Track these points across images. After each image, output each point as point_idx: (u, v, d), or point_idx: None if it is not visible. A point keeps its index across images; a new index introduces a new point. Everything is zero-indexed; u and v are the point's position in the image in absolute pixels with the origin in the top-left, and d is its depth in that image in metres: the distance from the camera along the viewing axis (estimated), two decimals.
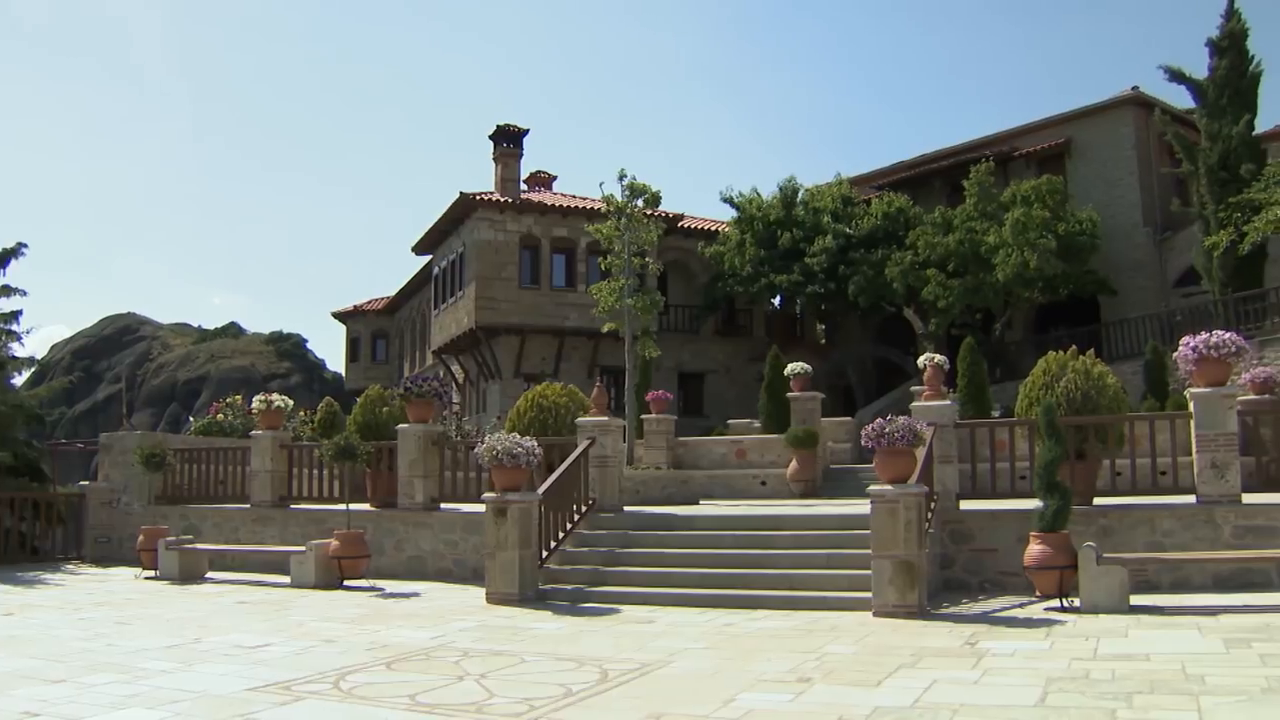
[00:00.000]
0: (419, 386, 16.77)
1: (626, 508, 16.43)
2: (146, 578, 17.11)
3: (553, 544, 13.93)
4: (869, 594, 11.45)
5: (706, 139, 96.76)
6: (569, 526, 14.51)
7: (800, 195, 39.43)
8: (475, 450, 14.04)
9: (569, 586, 13.38)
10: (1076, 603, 11.27)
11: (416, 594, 14.27)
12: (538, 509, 13.47)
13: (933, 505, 12.78)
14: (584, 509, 15.10)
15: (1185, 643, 9.25)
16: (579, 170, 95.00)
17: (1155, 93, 37.18)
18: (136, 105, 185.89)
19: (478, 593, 13.56)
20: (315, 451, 18.43)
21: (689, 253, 41.30)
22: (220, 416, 25.44)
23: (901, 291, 35.22)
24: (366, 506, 17.06)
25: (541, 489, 13.84)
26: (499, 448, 13.21)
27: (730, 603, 12.20)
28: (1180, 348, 13.37)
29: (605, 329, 25.44)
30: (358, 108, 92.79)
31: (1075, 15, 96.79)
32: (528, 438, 13.86)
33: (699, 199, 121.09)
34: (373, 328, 56.30)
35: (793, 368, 22.98)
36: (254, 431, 18.77)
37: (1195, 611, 10.90)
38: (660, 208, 27.95)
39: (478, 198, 37.19)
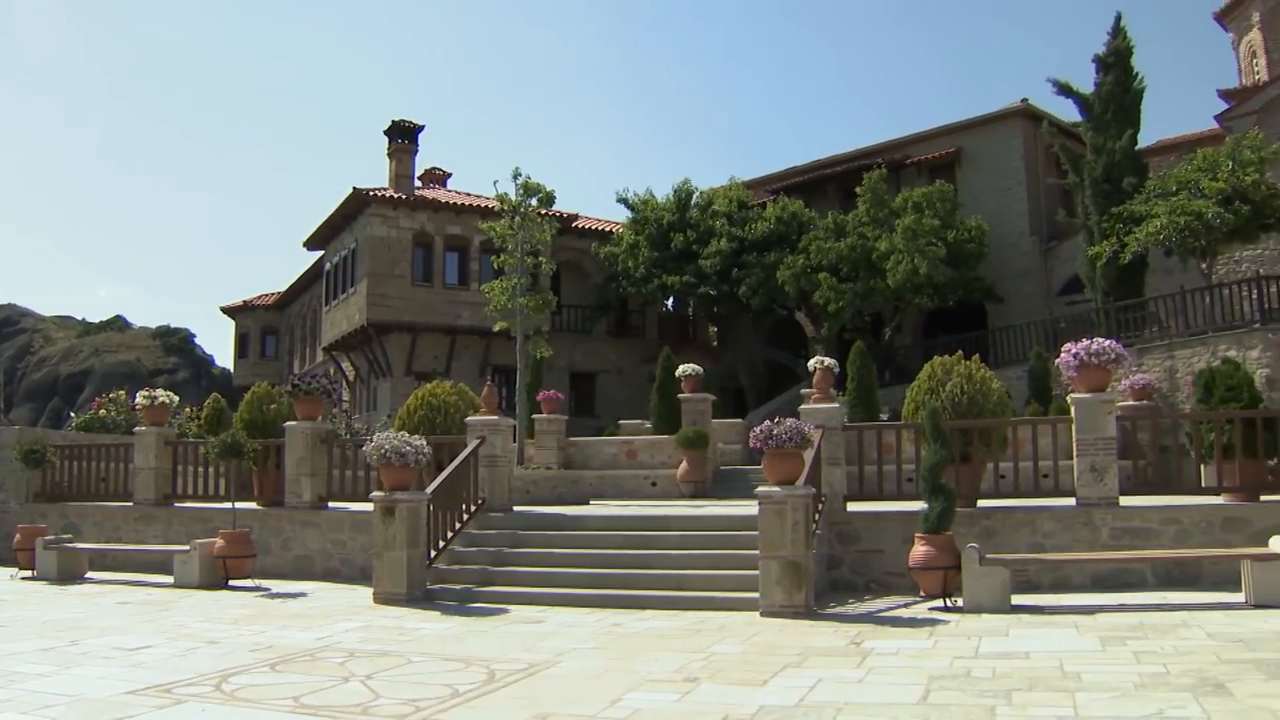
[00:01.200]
0: (308, 383, 16.58)
1: (516, 507, 16.41)
2: (23, 578, 16.67)
3: (441, 544, 13.85)
4: (757, 594, 11.56)
5: (603, 140, 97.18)
6: (458, 526, 14.44)
7: (695, 198, 39.65)
8: (364, 449, 13.92)
9: (457, 586, 13.32)
10: (960, 602, 11.49)
11: (303, 594, 14.11)
12: (426, 508, 13.40)
13: (820, 506, 12.94)
14: (473, 508, 15.04)
15: (1064, 641, 9.50)
16: (474, 168, 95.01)
17: (1044, 105, 38.05)
18: (18, 87, 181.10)
19: (365, 593, 13.45)
20: (201, 449, 18.08)
21: (583, 253, 41.34)
22: (103, 412, 24.90)
23: (794, 295, 35.55)
24: (253, 505, 16.80)
25: (430, 488, 13.77)
26: (387, 446, 13.13)
27: (619, 603, 12.23)
28: (1062, 354, 13.71)
29: (497, 328, 25.32)
30: (251, 98, 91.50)
31: (969, 27, 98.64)
32: (417, 436, 13.79)
33: (594, 199, 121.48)
34: (262, 323, 55.48)
35: (684, 369, 23.09)
36: (138, 428, 18.36)
37: (1074, 611, 11.19)
38: (555, 207, 27.89)
39: (371, 193, 36.85)
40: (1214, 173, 27.00)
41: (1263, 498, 13.39)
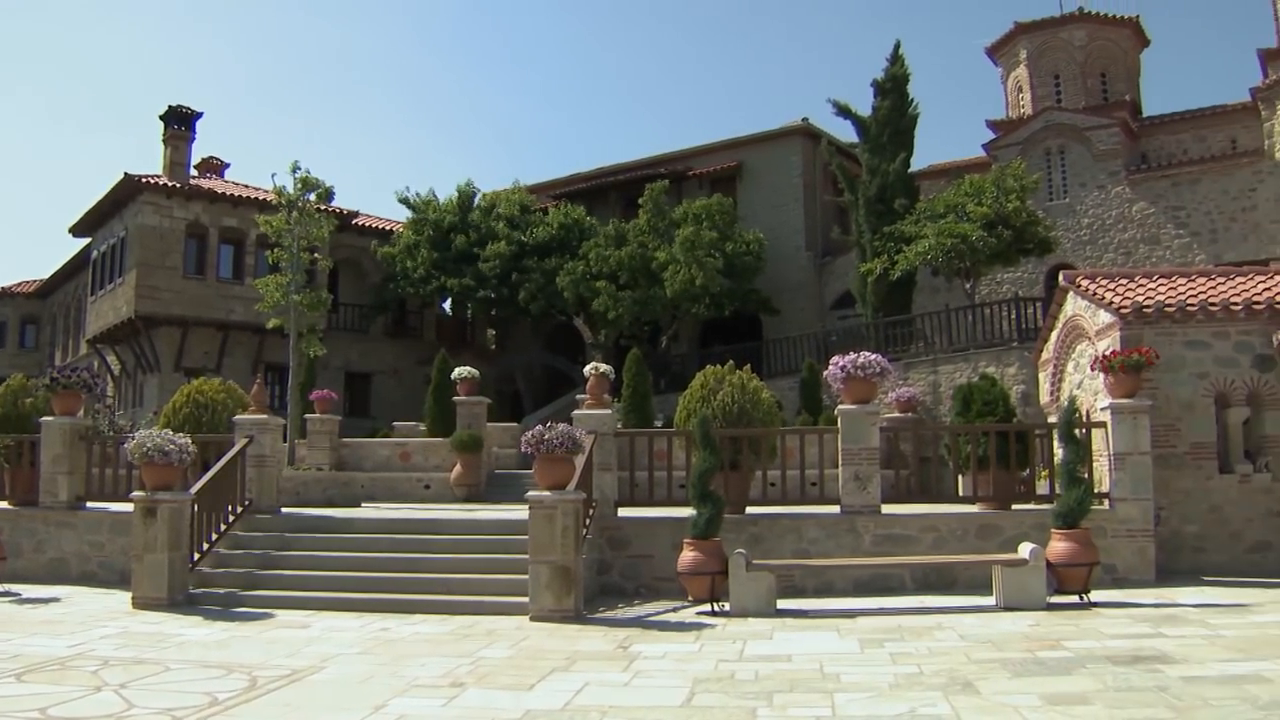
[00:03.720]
0: (67, 377, 15.88)
1: (285, 509, 16.08)
2: None
3: (205, 546, 13.45)
4: (527, 598, 11.57)
5: (387, 138, 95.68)
6: (223, 528, 14.05)
7: (477, 200, 39.48)
8: (125, 446, 13.41)
9: (222, 590, 12.94)
10: (727, 607, 11.73)
11: (57, 599, 13.45)
12: (190, 509, 13.00)
13: (591, 512, 13.04)
14: (240, 510, 14.66)
15: (825, 644, 9.79)
16: (254, 160, 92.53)
17: (824, 125, 39.18)
18: None
19: (124, 597, 12.93)
20: None
21: (362, 251, 40.65)
22: None
23: (572, 301, 35.71)
24: (4, 505, 15.99)
25: (194, 488, 13.35)
26: (149, 444, 12.69)
27: (388, 607, 12.11)
28: (830, 367, 14.11)
29: (271, 325, 24.68)
30: (12, 70, 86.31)
31: (754, 44, 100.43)
32: (181, 434, 13.37)
33: (376, 198, 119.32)
34: (22, 312, 52.77)
35: (460, 372, 22.93)
36: None
37: (836, 614, 11.54)
38: (334, 204, 27.38)
39: (143, 180, 35.40)
40: (980, 198, 28.29)
41: (1014, 506, 14.07)
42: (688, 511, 12.57)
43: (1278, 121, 32.46)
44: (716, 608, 11.80)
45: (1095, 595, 12.04)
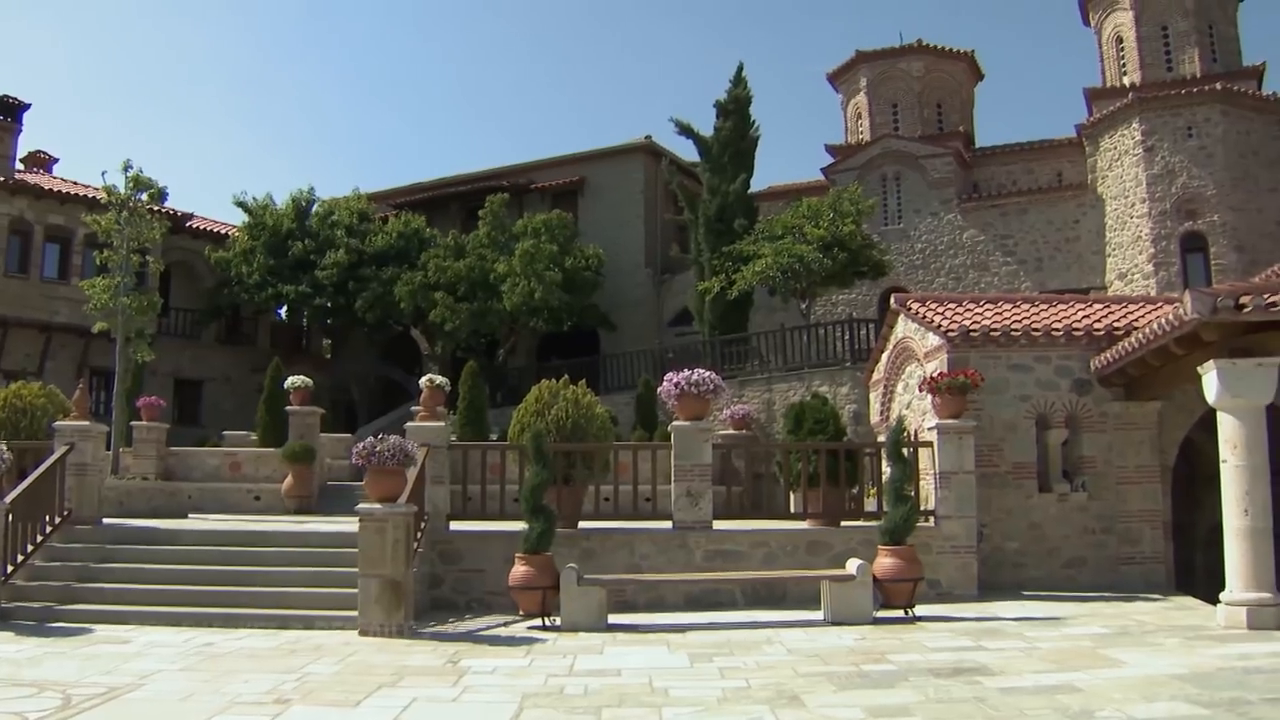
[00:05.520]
0: None
1: (107, 520, 15.56)
2: None
3: (20, 558, 12.90)
4: (356, 613, 11.40)
5: (222, 140, 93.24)
6: (39, 539, 13.51)
7: (316, 206, 38.81)
8: None
9: (37, 605, 12.43)
10: (558, 621, 11.72)
11: None
12: (4, 519, 12.48)
13: (423, 525, 12.94)
14: (58, 520, 14.12)
15: (655, 658, 9.85)
16: (85, 156, 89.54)
17: (666, 143, 39.55)
18: None
19: None
20: None
21: (196, 255, 39.56)
22: None
23: (410, 311, 35.36)
24: None
25: (9, 497, 12.84)
26: None
27: (214, 621, 11.81)
28: (664, 383, 14.22)
29: (97, 328, 23.90)
30: None
31: (599, 59, 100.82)
32: None
33: (212, 200, 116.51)
34: None
35: (293, 381, 22.50)
36: None
37: (667, 629, 11.61)
38: (167, 204, 26.67)
39: None
40: (817, 220, 28.83)
41: (843, 523, 14.36)
42: (521, 526, 12.52)
43: (1101, 157, 33.82)
44: (548, 622, 11.78)
45: (920, 609, 12.34)
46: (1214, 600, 11.79)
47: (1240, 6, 36.40)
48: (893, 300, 18.19)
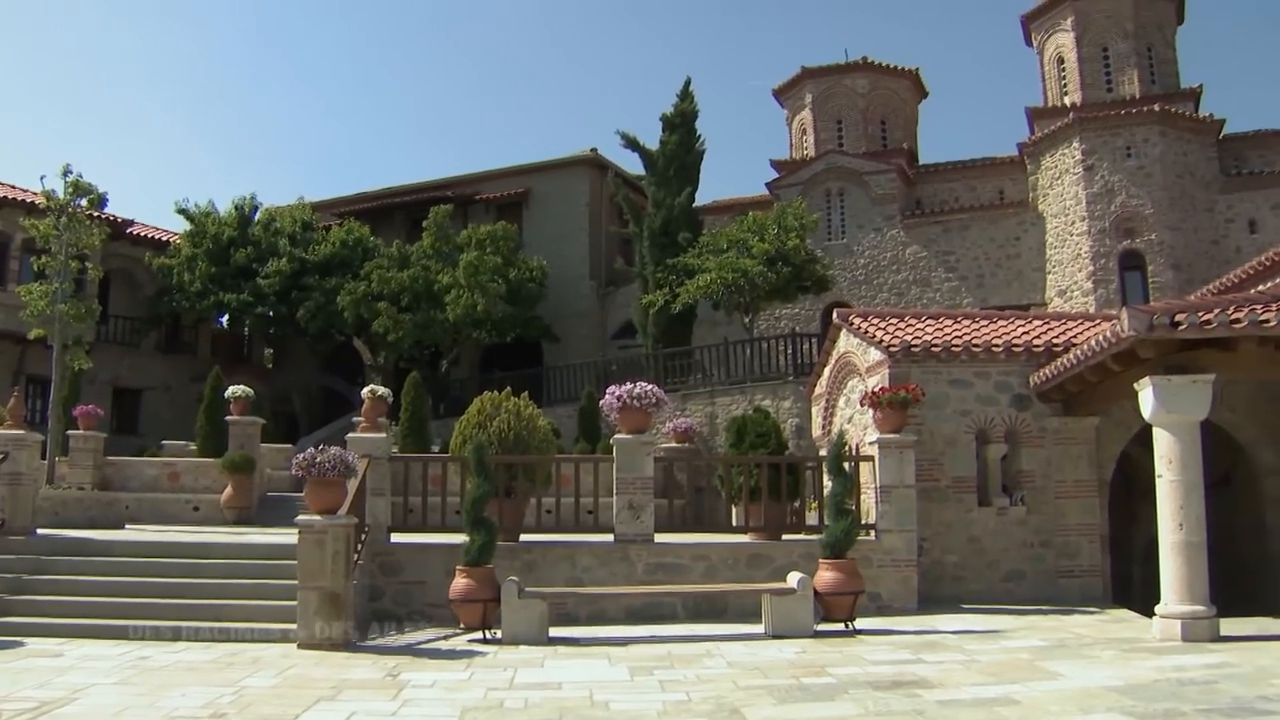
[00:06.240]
0: None
1: (41, 530, 15.37)
2: None
3: None
4: (295, 625, 11.31)
5: (165, 147, 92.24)
6: None
7: (259, 214, 38.49)
8: None
9: None
10: (499, 634, 11.67)
11: None
12: None
13: (364, 537, 12.85)
14: None
15: (596, 672, 9.83)
16: (23, 159, 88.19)
17: (612, 156, 39.59)
18: None
19: None
20: None
21: (136, 262, 39.09)
22: None
23: (353, 321, 35.13)
24: None
25: None
26: None
27: (150, 634, 11.64)
28: (607, 396, 14.22)
29: (33, 335, 23.54)
30: None
31: (545, 71, 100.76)
32: None
33: (154, 207, 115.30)
34: None
35: (233, 390, 22.27)
36: None
37: (608, 642, 11.60)
38: (108, 210, 26.33)
39: None
40: (761, 235, 28.97)
41: (784, 537, 14.43)
42: (462, 538, 12.48)
43: (1042, 175, 34.24)
44: (489, 635, 11.73)
45: (860, 623, 12.40)
46: (1151, 613, 11.93)
47: (1178, 30, 37.02)
48: (835, 315, 18.31)
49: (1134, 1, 35.55)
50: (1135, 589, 16.56)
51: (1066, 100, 36.13)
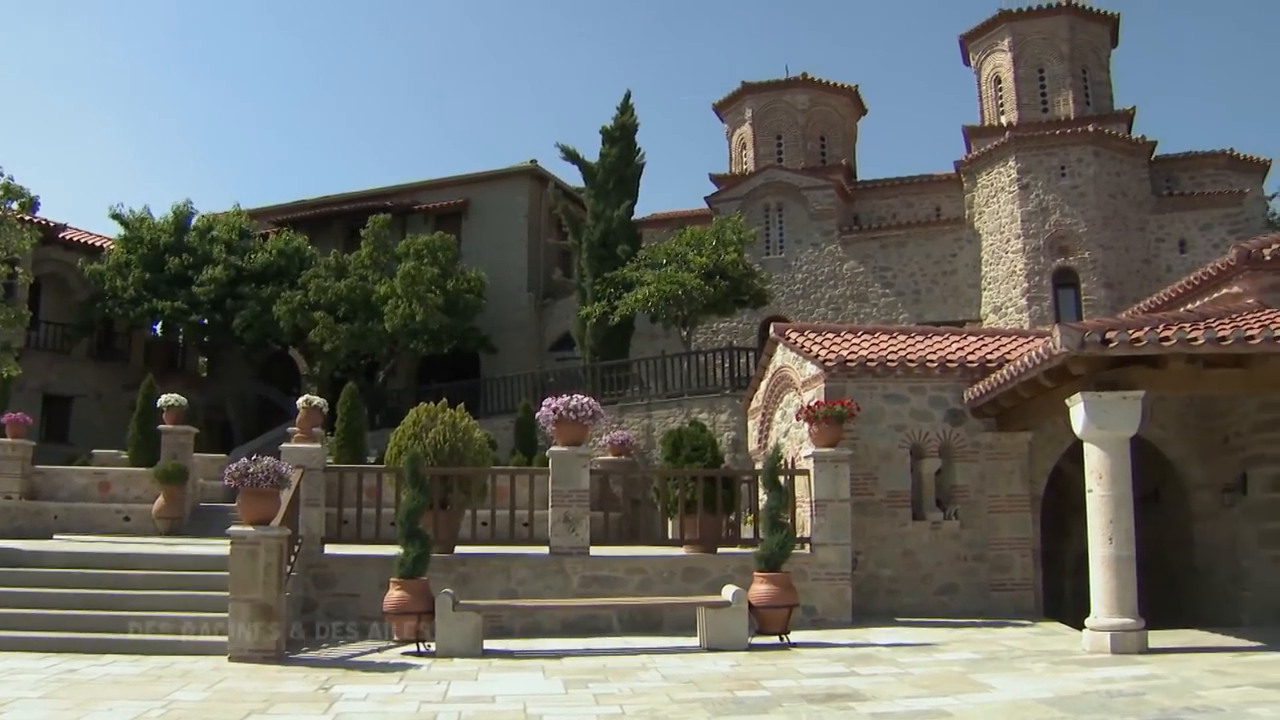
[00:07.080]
0: None
1: None
2: None
3: None
4: (226, 638, 11.19)
5: (98, 153, 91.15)
6: None
7: (194, 221, 38.13)
8: None
9: None
10: (433, 647, 11.61)
11: None
12: None
13: (297, 549, 12.74)
14: None
15: (530, 684, 9.82)
16: None
17: (552, 168, 39.76)
18: None
19: None
20: None
21: (69, 267, 38.56)
22: None
23: (289, 331, 34.89)
24: None
25: None
26: None
27: (78, 647, 11.48)
28: (542, 408, 14.21)
29: None
30: None
31: (485, 81, 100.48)
32: None
33: (87, 212, 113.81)
34: None
35: (166, 399, 22.02)
36: None
37: (543, 655, 11.59)
38: (40, 214, 25.98)
39: None
40: (700, 249, 29.11)
41: (720, 550, 14.46)
42: (397, 550, 12.41)
43: (978, 193, 34.63)
44: (423, 648, 11.67)
45: (795, 636, 12.46)
46: (1081, 625, 12.07)
47: (1113, 53, 37.60)
48: (772, 329, 18.40)
49: (1070, 24, 36.11)
50: (1067, 602, 16.75)
51: (1003, 120, 36.57)
